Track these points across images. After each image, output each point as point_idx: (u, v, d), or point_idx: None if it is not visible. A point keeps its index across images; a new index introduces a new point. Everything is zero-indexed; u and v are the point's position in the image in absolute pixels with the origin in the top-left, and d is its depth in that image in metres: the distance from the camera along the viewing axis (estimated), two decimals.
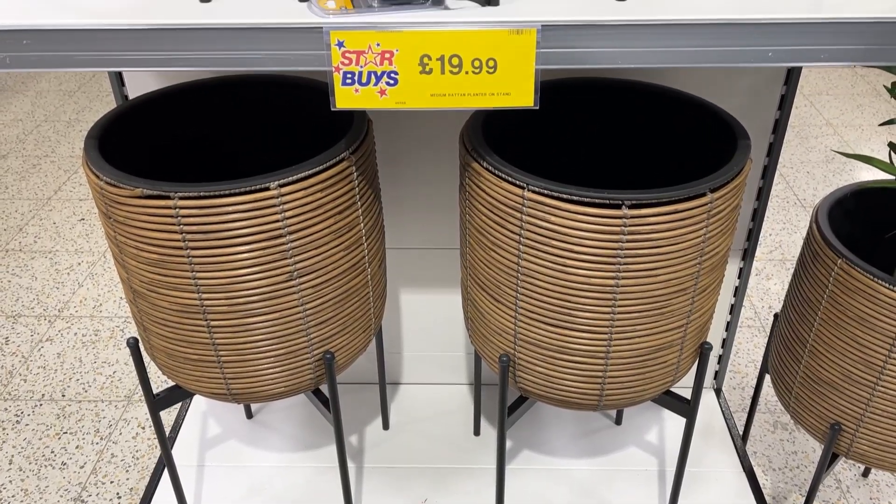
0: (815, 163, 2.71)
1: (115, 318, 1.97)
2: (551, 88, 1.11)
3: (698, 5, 0.81)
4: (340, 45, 0.80)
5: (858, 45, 0.77)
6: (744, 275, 1.43)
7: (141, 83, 1.23)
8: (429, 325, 1.51)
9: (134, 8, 0.82)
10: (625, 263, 0.90)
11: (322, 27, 0.78)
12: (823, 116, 3.05)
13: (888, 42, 0.76)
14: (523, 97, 0.83)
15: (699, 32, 0.78)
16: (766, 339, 1.27)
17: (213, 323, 0.96)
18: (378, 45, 0.80)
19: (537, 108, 0.84)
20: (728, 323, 1.50)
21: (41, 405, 1.70)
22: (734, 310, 1.48)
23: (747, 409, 1.61)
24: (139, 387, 1.74)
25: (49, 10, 0.82)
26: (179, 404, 1.53)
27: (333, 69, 0.81)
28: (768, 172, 1.30)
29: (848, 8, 0.79)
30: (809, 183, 2.59)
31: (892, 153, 1.08)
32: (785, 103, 1.23)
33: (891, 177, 1.07)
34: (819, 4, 0.81)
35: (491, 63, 0.81)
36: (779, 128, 1.26)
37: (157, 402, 1.12)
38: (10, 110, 3.14)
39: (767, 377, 1.29)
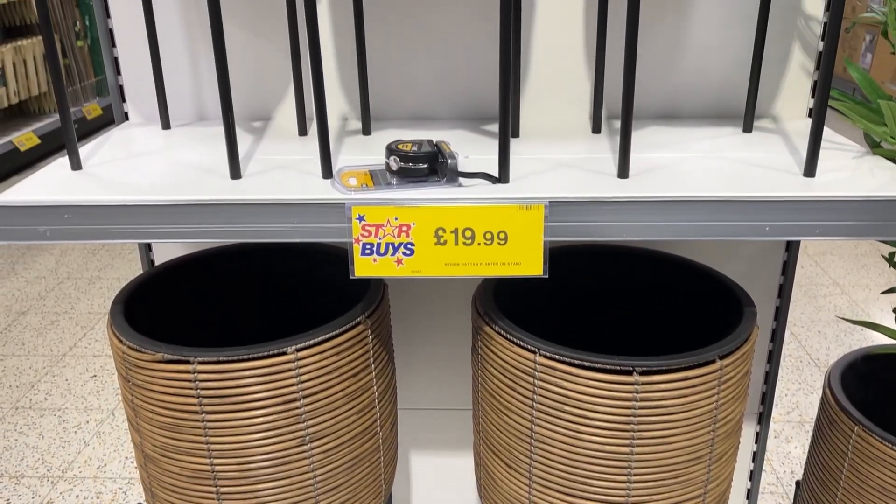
0: (826, 322, 2.72)
1: (118, 479, 1.93)
2: (561, 253, 1.16)
3: (697, 182, 0.87)
4: (361, 219, 0.85)
5: (851, 221, 0.81)
6: (761, 439, 1.40)
7: (167, 247, 1.29)
8: (440, 491, 1.47)
9: (168, 184, 0.89)
10: (638, 430, 0.90)
11: (345, 203, 0.84)
12: (830, 276, 3.09)
13: (879, 218, 0.81)
14: (533, 267, 0.87)
15: (699, 208, 0.82)
16: None
17: (222, 489, 0.95)
18: (396, 219, 0.85)
19: (547, 276, 0.87)
20: (749, 490, 1.46)
21: None
22: (754, 476, 1.44)
23: None
24: None
25: (89, 185, 0.89)
26: None
27: (354, 240, 0.85)
28: (777, 336, 1.32)
29: (839, 186, 0.84)
30: (822, 343, 2.58)
31: None
32: (788, 269, 1.27)
33: None
34: (811, 182, 0.86)
35: (502, 235, 0.86)
36: (784, 292, 1.29)
37: None
38: (34, 268, 3.24)
39: None
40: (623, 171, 0.89)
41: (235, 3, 1.14)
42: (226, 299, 1.20)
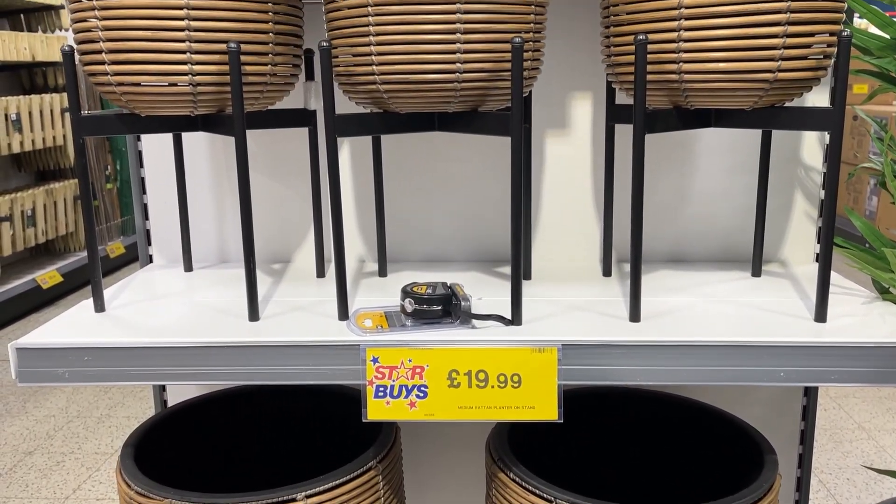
0: (854, 468, 2.61)
1: None
2: (576, 395, 1.15)
3: (710, 326, 0.87)
4: (375, 360, 0.85)
5: (866, 368, 0.81)
6: None
7: (182, 386, 1.29)
8: None
9: (187, 326, 0.91)
10: None
11: (359, 344, 0.85)
12: (854, 420, 3.01)
13: (894, 366, 0.80)
14: (547, 411, 0.86)
15: (712, 353, 0.83)
16: None
17: None
18: (410, 360, 0.86)
19: (561, 421, 0.86)
20: None
21: None
22: None
23: None
24: None
25: (110, 328, 0.91)
26: None
27: (367, 382, 0.86)
28: (803, 485, 1.27)
29: (851, 332, 0.85)
30: (852, 491, 2.47)
31: None
32: (808, 414, 1.24)
33: None
34: (823, 328, 0.86)
35: (515, 378, 0.86)
36: (806, 438, 1.25)
37: None
38: (45, 406, 3.22)
39: None
40: (635, 315, 0.90)
41: (262, 152, 1.21)
42: (238, 438, 1.19)
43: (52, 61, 4.08)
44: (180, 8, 0.87)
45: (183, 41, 0.88)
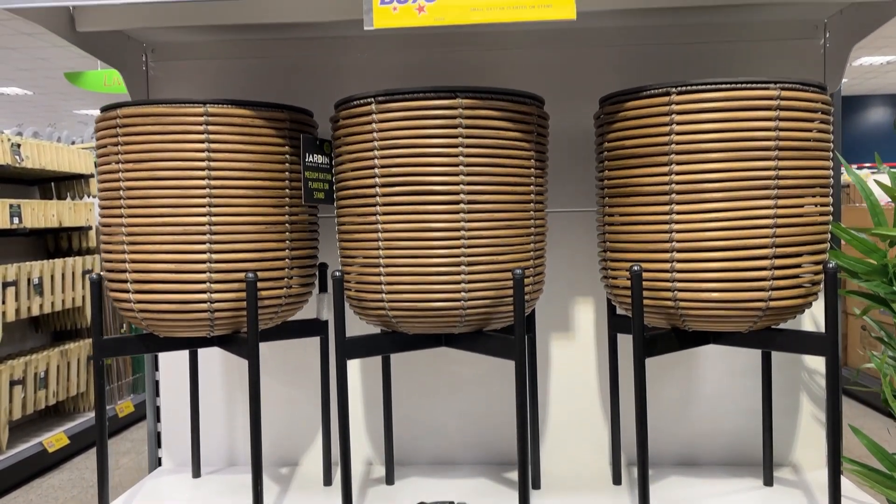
0: None
1: None
2: None
3: None
4: None
5: None
6: None
7: None
8: None
9: None
10: None
11: None
12: None
13: None
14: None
15: None
16: None
17: None
18: None
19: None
20: None
21: None
22: None
23: None
24: None
25: None
26: None
27: None
28: None
29: None
30: None
31: None
32: None
33: None
34: None
35: None
36: None
37: None
38: None
39: None
40: None
41: (273, 357, 1.24)
42: None
43: (77, 226, 4.25)
44: (202, 242, 0.93)
45: (204, 272, 0.93)
